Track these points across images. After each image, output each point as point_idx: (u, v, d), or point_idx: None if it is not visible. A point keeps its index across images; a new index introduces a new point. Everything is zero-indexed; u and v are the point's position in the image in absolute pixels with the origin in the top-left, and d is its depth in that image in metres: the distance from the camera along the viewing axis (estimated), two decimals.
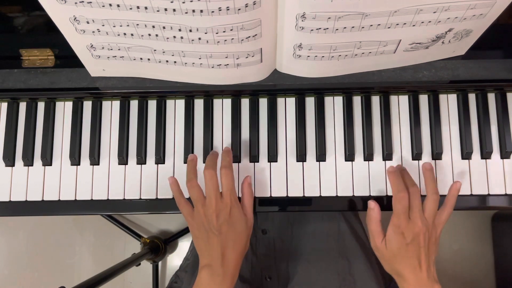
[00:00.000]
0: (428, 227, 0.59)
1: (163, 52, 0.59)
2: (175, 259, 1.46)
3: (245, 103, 0.70)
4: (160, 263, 1.43)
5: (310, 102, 0.70)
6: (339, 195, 0.67)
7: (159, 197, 0.68)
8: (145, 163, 0.69)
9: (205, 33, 0.54)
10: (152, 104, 0.70)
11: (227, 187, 0.60)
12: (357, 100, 0.69)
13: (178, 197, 0.63)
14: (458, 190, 0.62)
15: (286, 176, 0.68)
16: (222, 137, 0.69)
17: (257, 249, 0.82)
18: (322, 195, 0.67)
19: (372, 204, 0.62)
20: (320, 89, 0.68)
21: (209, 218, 0.59)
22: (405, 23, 0.55)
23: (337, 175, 0.68)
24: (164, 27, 0.54)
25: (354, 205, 0.67)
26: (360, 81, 0.66)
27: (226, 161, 0.62)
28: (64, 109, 0.70)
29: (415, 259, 0.59)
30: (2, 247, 1.50)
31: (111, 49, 0.60)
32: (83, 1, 0.50)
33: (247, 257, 0.81)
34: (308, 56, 0.60)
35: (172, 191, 0.64)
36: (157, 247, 1.35)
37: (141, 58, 0.61)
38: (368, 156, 0.68)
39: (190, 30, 0.54)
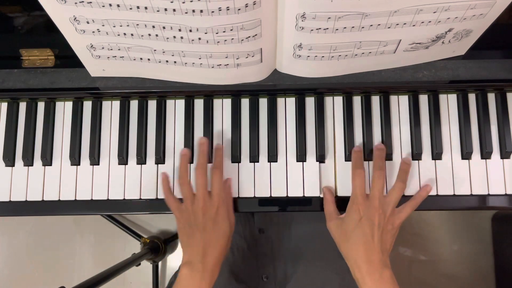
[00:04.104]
0: (385, 211, 0.61)
1: (163, 52, 0.59)
2: (175, 259, 1.46)
3: (245, 103, 0.70)
4: (160, 263, 1.43)
5: (310, 102, 0.70)
6: (339, 195, 0.67)
7: (159, 197, 0.68)
8: (145, 163, 0.69)
9: (205, 33, 0.54)
10: (152, 104, 0.70)
11: (217, 187, 0.63)
12: (357, 100, 0.69)
13: (166, 194, 0.65)
14: (428, 193, 0.65)
15: (286, 176, 0.68)
16: (222, 137, 0.69)
17: (254, 248, 0.82)
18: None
19: (324, 189, 0.66)
20: (320, 89, 0.68)
21: (196, 214, 0.62)
22: (405, 23, 0.55)
23: (337, 175, 0.68)
24: (164, 27, 0.54)
25: None
26: (360, 81, 0.66)
27: (218, 161, 0.66)
28: (64, 109, 0.70)
29: (369, 235, 0.59)
30: (2, 247, 1.50)
31: (111, 49, 0.60)
32: (83, 1, 0.50)
33: (244, 256, 0.81)
34: (308, 56, 0.60)
35: (162, 187, 0.66)
36: (157, 247, 1.34)
37: (141, 58, 0.61)
38: (368, 156, 0.68)
39: (190, 30, 0.54)
